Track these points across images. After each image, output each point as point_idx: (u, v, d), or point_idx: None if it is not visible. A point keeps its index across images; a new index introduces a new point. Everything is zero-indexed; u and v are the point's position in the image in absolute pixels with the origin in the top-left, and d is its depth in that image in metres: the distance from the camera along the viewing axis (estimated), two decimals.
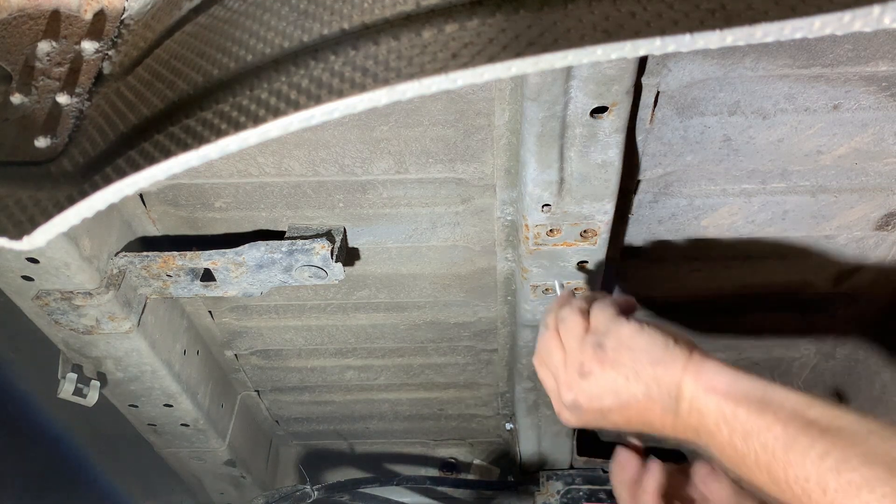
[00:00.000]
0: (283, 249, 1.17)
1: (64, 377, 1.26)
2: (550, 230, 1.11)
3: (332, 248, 1.18)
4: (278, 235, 1.21)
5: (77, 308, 1.13)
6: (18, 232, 0.62)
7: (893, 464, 0.63)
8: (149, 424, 1.53)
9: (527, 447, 1.84)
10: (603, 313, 0.90)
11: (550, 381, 0.96)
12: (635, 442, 1.04)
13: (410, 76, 0.55)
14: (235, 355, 1.64)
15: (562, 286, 1.13)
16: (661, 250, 1.30)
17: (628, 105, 0.91)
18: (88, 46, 0.81)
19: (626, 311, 0.93)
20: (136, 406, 1.45)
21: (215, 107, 0.61)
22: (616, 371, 0.85)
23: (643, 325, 0.87)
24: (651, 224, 1.24)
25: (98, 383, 1.30)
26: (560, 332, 0.94)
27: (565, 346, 0.92)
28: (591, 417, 0.91)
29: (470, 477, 2.07)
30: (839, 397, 1.67)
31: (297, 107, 0.57)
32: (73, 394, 1.27)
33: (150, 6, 0.83)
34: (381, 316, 1.52)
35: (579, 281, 1.19)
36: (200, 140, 0.59)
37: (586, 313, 0.93)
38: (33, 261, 1.02)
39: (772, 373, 1.69)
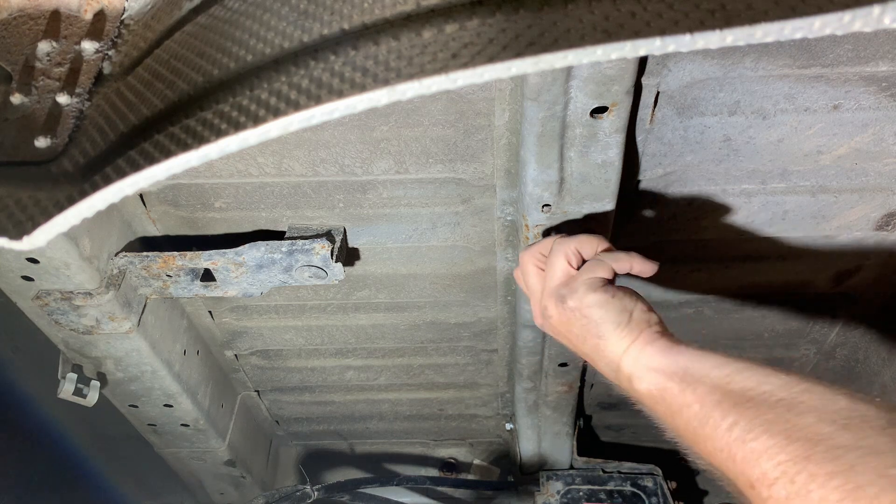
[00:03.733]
0: (283, 249, 1.17)
1: (64, 377, 1.26)
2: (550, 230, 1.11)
3: (332, 248, 1.18)
4: (278, 235, 1.21)
5: (77, 308, 1.12)
6: (18, 232, 0.62)
7: (792, 431, 0.66)
8: (149, 424, 1.53)
9: (527, 447, 1.84)
10: (586, 273, 0.95)
11: (526, 293, 1.07)
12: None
13: (410, 76, 0.55)
14: (235, 355, 1.64)
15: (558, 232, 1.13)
16: (661, 250, 1.30)
17: (628, 105, 0.91)
18: (88, 46, 0.81)
19: (639, 273, 0.98)
20: (136, 406, 1.45)
21: (215, 107, 0.61)
22: (567, 329, 0.94)
23: (609, 298, 0.91)
24: (651, 224, 1.24)
25: (98, 383, 1.30)
26: (547, 265, 1.00)
27: (545, 282, 0.99)
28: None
29: (470, 477, 2.07)
30: None
31: (297, 107, 0.57)
32: (73, 394, 1.27)
33: (150, 6, 0.83)
34: (381, 316, 1.51)
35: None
36: (200, 140, 0.59)
37: (579, 262, 0.98)
38: (33, 261, 1.02)
39: None
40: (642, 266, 0.98)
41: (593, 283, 0.92)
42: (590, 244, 0.98)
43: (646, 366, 0.84)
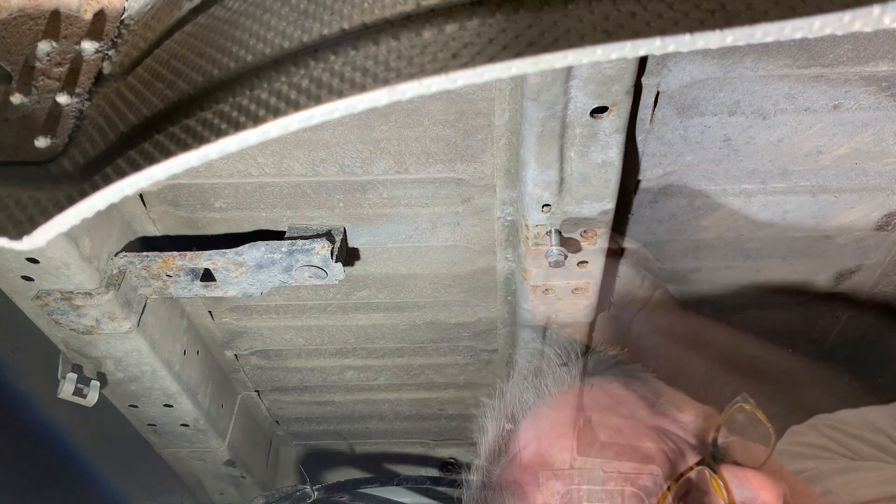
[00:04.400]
0: (283, 249, 1.17)
1: (64, 377, 1.26)
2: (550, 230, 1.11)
3: (332, 248, 1.18)
4: (278, 235, 1.21)
5: (77, 308, 1.12)
6: (18, 232, 0.62)
7: (795, 402, 0.68)
8: (149, 424, 1.53)
9: None
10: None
11: None
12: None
13: (410, 76, 0.55)
14: (235, 355, 1.63)
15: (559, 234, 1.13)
16: (661, 250, 1.30)
17: (628, 105, 0.91)
18: (88, 46, 0.81)
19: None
20: (136, 406, 1.45)
21: (215, 107, 0.61)
22: None
23: (620, 263, 0.93)
24: (651, 224, 1.24)
25: (98, 383, 1.30)
26: None
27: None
28: None
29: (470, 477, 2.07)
30: None
31: (297, 107, 0.57)
32: (73, 394, 1.26)
33: (150, 6, 0.83)
34: (381, 316, 1.51)
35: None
36: (200, 140, 0.59)
37: None
38: (33, 261, 1.02)
39: None
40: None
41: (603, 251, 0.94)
42: None
43: (655, 326, 0.85)
